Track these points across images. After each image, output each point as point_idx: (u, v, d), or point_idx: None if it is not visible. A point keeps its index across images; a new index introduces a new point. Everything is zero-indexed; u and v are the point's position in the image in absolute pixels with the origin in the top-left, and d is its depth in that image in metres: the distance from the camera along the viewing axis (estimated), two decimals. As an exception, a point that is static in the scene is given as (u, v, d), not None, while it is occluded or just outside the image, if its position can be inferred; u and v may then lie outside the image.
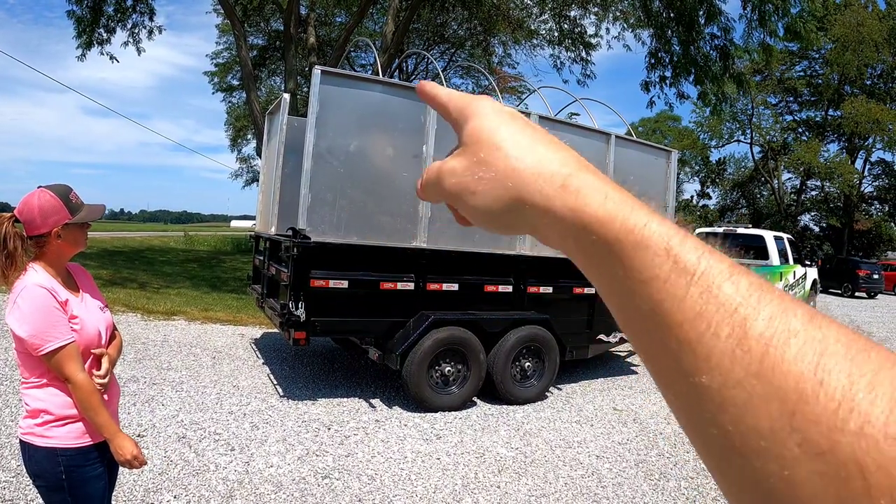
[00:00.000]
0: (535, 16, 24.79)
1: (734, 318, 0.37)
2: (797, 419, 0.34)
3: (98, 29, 19.18)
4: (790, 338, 0.36)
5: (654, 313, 0.41)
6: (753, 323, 0.37)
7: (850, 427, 0.32)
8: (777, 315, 0.37)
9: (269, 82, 36.29)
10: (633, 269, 0.42)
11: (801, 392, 0.34)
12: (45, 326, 2.53)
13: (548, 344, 8.08)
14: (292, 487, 5.06)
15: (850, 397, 0.33)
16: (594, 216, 0.44)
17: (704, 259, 0.41)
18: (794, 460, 0.33)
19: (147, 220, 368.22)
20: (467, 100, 0.55)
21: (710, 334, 0.38)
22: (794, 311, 0.38)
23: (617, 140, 9.03)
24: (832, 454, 0.32)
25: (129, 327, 10.54)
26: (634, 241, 0.42)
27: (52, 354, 2.53)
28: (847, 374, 0.34)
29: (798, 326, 0.36)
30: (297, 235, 6.73)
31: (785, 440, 0.34)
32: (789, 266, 15.59)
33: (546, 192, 0.47)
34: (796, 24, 15.30)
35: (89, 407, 2.58)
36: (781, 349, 0.36)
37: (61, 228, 2.68)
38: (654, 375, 0.43)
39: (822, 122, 48.05)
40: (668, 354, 0.40)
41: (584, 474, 5.84)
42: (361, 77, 7.86)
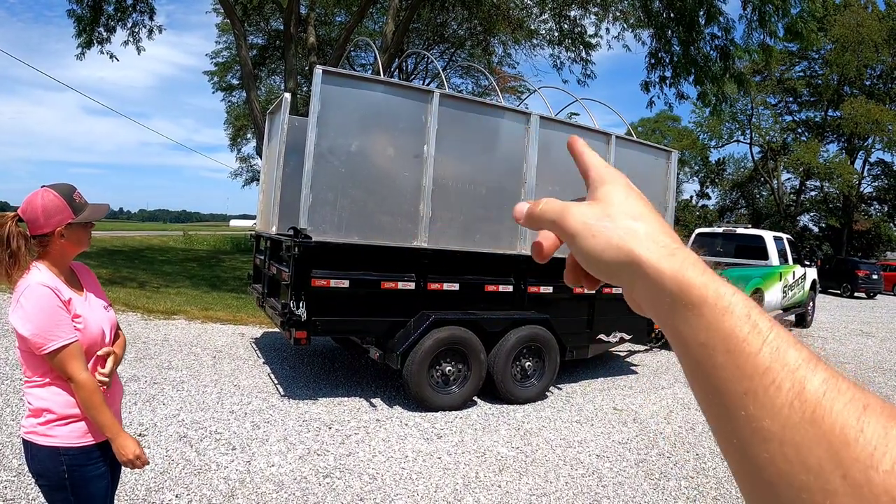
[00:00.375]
0: (535, 16, 24.76)
1: (795, 375, 0.46)
2: (841, 457, 0.42)
3: (98, 28, 19.15)
4: (839, 395, 0.44)
5: (729, 365, 0.49)
6: (810, 381, 0.45)
7: (883, 466, 0.40)
8: (829, 378, 0.46)
9: (268, 82, 36.28)
10: (718, 329, 0.50)
11: (845, 436, 0.42)
12: (48, 325, 2.53)
13: (548, 344, 8.09)
14: (294, 486, 5.07)
15: (884, 443, 0.41)
16: (693, 281, 0.53)
17: (775, 329, 0.49)
18: (836, 492, 0.41)
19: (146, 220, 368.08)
20: (609, 169, 0.67)
21: (774, 387, 0.46)
22: (842, 378, 0.46)
23: (617, 140, 9.04)
24: (868, 487, 0.40)
25: (130, 326, 10.54)
26: (723, 305, 0.51)
27: (55, 353, 2.53)
28: (883, 425, 0.42)
29: (845, 387, 0.45)
30: (299, 235, 6.74)
31: (829, 475, 0.42)
32: (789, 266, 15.58)
33: (656, 254, 0.56)
34: (796, 24, 15.30)
35: (91, 406, 2.58)
36: (832, 402, 0.44)
37: (65, 228, 2.67)
38: (717, 421, 0.51)
39: (822, 123, 48.09)
40: (736, 402, 0.48)
41: (585, 473, 5.85)
42: (363, 77, 7.87)
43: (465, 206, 7.67)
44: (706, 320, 0.51)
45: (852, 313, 23.47)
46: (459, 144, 7.62)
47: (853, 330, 18.25)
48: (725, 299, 0.51)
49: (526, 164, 8.04)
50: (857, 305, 27.32)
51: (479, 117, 7.90)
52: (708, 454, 6.59)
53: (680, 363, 0.55)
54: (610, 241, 0.58)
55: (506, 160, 8.03)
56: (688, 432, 7.31)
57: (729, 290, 0.52)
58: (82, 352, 2.62)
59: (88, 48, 19.09)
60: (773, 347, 0.48)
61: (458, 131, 7.59)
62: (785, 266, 15.35)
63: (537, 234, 0.69)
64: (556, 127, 8.52)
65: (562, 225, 0.63)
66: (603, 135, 9.01)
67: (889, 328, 19.27)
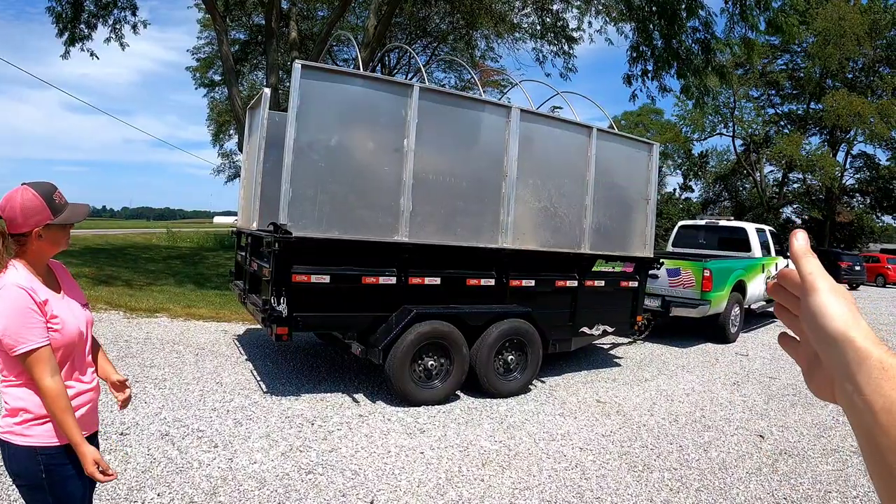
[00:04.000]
0: (518, 9, 24.80)
1: None
2: None
3: (79, 25, 19.00)
4: None
5: (890, 423, 0.61)
6: None
7: None
8: None
9: (250, 77, 36.09)
10: (879, 389, 0.64)
11: None
12: (19, 327, 2.51)
13: (530, 337, 8.10)
14: (276, 483, 5.06)
15: None
16: (876, 356, 0.66)
17: None
18: None
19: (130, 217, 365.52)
20: (824, 277, 0.78)
21: None
22: None
23: (599, 133, 9.05)
24: None
25: (112, 325, 10.49)
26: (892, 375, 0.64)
27: (25, 356, 2.52)
28: None
29: None
30: (279, 230, 6.71)
31: None
32: (771, 258, 15.65)
33: (869, 342, 0.68)
34: (778, 18, 15.39)
35: (56, 412, 2.55)
36: None
37: (43, 229, 2.65)
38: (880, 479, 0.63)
39: (804, 116, 48.30)
40: None
41: (568, 466, 5.85)
42: (343, 71, 7.83)
43: (445, 199, 7.66)
44: (874, 385, 0.64)
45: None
46: (440, 138, 7.60)
47: (836, 321, 18.32)
48: (892, 369, 0.64)
49: (507, 157, 8.03)
50: (840, 296, 27.46)
51: (460, 111, 7.88)
52: (691, 446, 6.62)
53: (852, 427, 0.68)
54: (836, 315, 0.72)
55: (486, 154, 8.02)
56: (671, 424, 7.33)
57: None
58: (52, 356, 2.59)
59: (72, 46, 18.94)
60: None
61: (438, 125, 7.58)
62: (768, 258, 15.42)
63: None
64: (537, 120, 8.51)
65: (812, 286, 0.77)
66: (584, 128, 9.01)
67: (872, 319, 19.38)
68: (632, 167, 9.74)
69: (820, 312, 0.73)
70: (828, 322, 0.71)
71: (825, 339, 0.72)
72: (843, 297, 0.75)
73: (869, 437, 0.63)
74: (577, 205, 8.82)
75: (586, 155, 8.88)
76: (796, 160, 43.47)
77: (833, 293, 0.75)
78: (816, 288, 0.76)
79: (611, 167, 9.24)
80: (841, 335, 0.70)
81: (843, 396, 0.69)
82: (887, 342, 5.25)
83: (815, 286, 0.76)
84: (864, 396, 0.64)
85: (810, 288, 0.76)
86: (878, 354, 0.66)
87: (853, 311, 0.73)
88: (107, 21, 19.65)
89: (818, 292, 0.75)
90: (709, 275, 12.19)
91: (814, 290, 0.76)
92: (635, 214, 9.86)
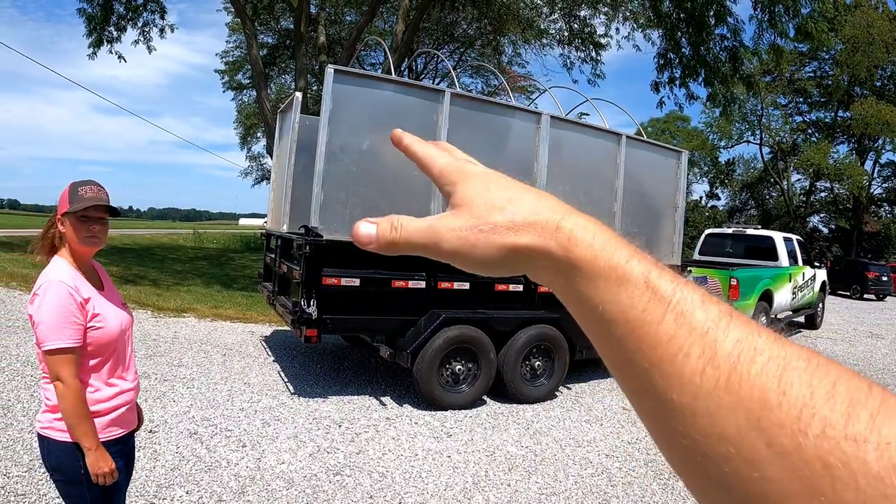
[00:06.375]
0: (545, 15, 24.78)
1: (705, 340, 0.43)
2: (763, 423, 0.38)
3: (109, 27, 19.22)
4: (756, 356, 0.41)
5: (630, 338, 0.46)
6: (722, 344, 0.42)
7: (812, 430, 0.37)
8: (744, 337, 0.42)
9: (279, 80, 36.36)
10: (615, 302, 0.47)
11: (766, 401, 0.39)
12: (55, 324, 2.57)
13: (558, 343, 8.09)
14: (304, 484, 5.09)
15: (811, 405, 0.38)
16: (583, 255, 0.49)
17: (679, 290, 0.46)
18: (762, 461, 0.38)
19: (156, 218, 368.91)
20: (452, 165, 0.60)
21: (682, 355, 0.43)
22: (759, 333, 0.43)
23: (628, 140, 9.03)
24: (798, 454, 0.37)
25: (140, 324, 10.59)
26: (617, 276, 0.48)
27: (53, 353, 2.56)
28: (808, 384, 0.39)
29: (763, 346, 0.42)
30: (310, 233, 6.75)
31: (753, 443, 0.38)
32: (798, 267, 15.53)
33: (543, 236, 0.51)
34: (807, 24, 15.29)
35: (73, 414, 2.58)
36: (748, 365, 0.40)
37: (62, 217, 2.75)
38: (630, 396, 0.48)
39: (832, 124, 47.89)
40: (644, 375, 0.45)
41: (594, 473, 5.85)
42: (374, 76, 7.88)
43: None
44: (601, 294, 0.48)
45: (862, 315, 23.37)
46: (470, 144, 7.60)
47: (863, 332, 18.16)
48: (619, 268, 0.48)
49: (537, 163, 8.03)
50: (867, 307, 27.19)
51: (490, 117, 7.90)
52: (718, 455, 6.58)
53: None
54: (491, 244, 0.53)
55: (516, 160, 8.02)
56: (697, 433, 7.29)
57: (623, 255, 0.49)
58: (78, 361, 2.64)
59: (99, 47, 19.15)
60: (678, 312, 0.44)
61: (469, 131, 7.60)
62: (795, 267, 15.29)
63: None
64: (567, 127, 8.51)
65: (437, 249, 0.56)
66: (613, 135, 9.00)
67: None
68: (660, 175, 9.71)
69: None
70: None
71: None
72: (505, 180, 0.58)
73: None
74: (605, 211, 8.79)
75: (615, 162, 8.86)
76: (824, 168, 43.16)
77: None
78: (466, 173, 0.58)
79: (639, 174, 9.21)
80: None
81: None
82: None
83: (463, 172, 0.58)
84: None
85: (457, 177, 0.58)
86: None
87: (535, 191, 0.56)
88: (136, 24, 19.86)
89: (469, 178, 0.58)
90: (736, 283, 12.11)
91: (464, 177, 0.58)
92: (663, 222, 9.82)
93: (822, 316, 18.02)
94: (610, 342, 0.48)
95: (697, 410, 0.41)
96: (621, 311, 0.46)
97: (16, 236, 26.75)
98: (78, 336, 2.62)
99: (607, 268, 0.48)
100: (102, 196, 2.77)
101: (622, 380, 0.48)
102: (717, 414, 0.40)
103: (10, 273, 14.32)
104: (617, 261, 0.48)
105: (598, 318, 0.48)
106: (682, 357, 0.42)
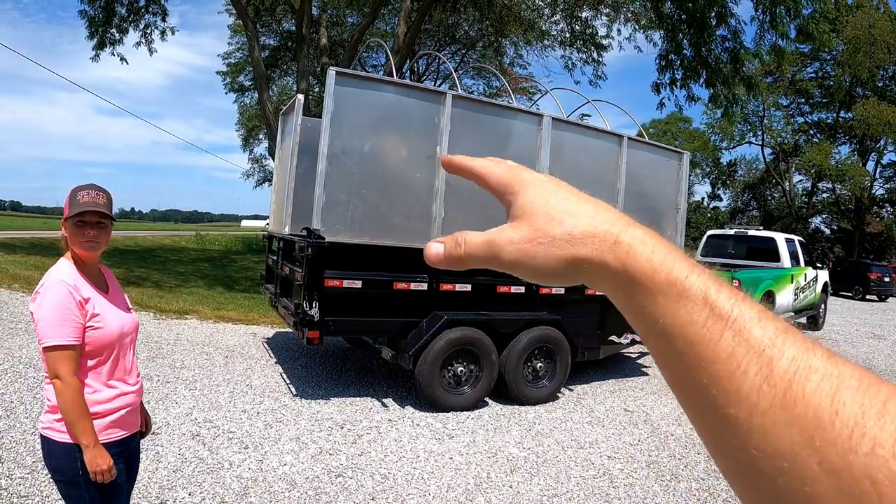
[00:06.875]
0: (547, 17, 24.79)
1: (762, 357, 0.44)
2: (816, 442, 0.40)
3: (110, 29, 19.22)
4: (810, 374, 0.42)
5: (690, 354, 0.47)
6: (778, 362, 0.43)
7: (862, 449, 0.38)
8: (799, 355, 0.43)
9: (280, 82, 36.40)
10: (674, 317, 0.48)
11: (819, 419, 0.40)
12: (55, 321, 2.60)
13: (559, 345, 8.10)
14: (306, 486, 5.10)
15: (861, 424, 0.39)
16: (642, 270, 0.50)
17: (737, 307, 0.47)
18: (813, 477, 0.39)
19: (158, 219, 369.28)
20: (509, 175, 0.62)
21: (740, 372, 0.44)
22: (814, 351, 0.44)
23: (629, 142, 9.03)
24: (847, 471, 0.38)
25: (142, 326, 10.59)
26: (676, 292, 0.48)
27: (51, 349, 2.59)
28: (860, 404, 0.40)
29: (818, 364, 0.42)
30: (312, 235, 6.76)
31: (805, 460, 0.40)
32: (800, 268, 15.52)
33: (601, 250, 0.52)
34: (808, 25, 15.28)
35: (70, 411, 2.60)
36: (802, 383, 0.42)
37: (64, 222, 2.79)
38: (687, 409, 0.49)
39: (834, 124, 47.91)
40: (702, 389, 0.46)
41: (596, 475, 5.85)
42: (376, 78, 7.88)
43: (477, 206, 7.66)
44: (661, 309, 0.49)
45: (864, 316, 23.35)
46: (472, 145, 7.61)
47: (865, 333, 18.15)
48: (679, 284, 0.48)
49: (538, 165, 8.03)
50: (869, 308, 27.18)
51: (492, 118, 7.91)
52: (719, 456, 6.58)
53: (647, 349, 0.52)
54: (550, 256, 0.54)
55: (518, 161, 7.57)
56: (699, 434, 7.29)
57: (682, 270, 0.49)
58: (77, 359, 2.66)
59: (101, 49, 19.17)
60: (736, 329, 0.45)
61: (470, 132, 7.60)
62: (797, 268, 15.29)
63: None
64: (569, 128, 8.51)
65: (498, 262, 0.58)
66: (615, 136, 9.00)
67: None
68: (662, 176, 9.71)
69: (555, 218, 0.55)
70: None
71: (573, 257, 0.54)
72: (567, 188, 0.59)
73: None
74: (607, 213, 8.77)
75: (617, 163, 8.87)
76: (826, 169, 43.16)
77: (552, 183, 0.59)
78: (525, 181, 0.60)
79: (641, 176, 9.21)
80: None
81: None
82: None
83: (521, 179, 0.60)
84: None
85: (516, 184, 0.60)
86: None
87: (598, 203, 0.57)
88: (138, 26, 19.87)
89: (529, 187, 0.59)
90: (737, 284, 12.02)
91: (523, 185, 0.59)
92: (665, 223, 9.82)
93: (824, 317, 18.01)
94: (669, 356, 0.49)
95: (753, 426, 0.42)
96: (681, 326, 0.47)
97: (18, 238, 26.80)
98: (77, 334, 2.65)
99: (667, 283, 0.49)
100: (99, 201, 2.78)
101: (680, 393, 0.49)
102: (773, 430, 0.41)
103: (13, 275, 14.35)
104: (676, 276, 0.49)
105: (657, 332, 0.49)
106: (739, 374, 0.44)
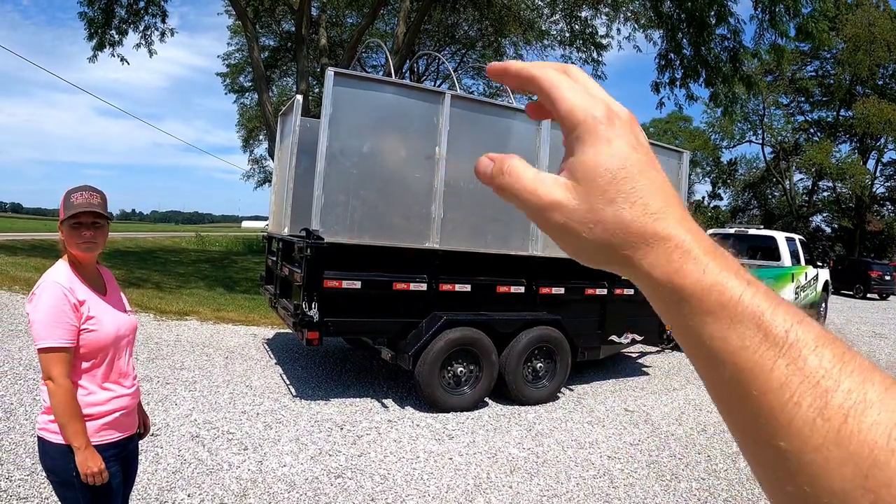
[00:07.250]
0: (546, 16, 24.78)
1: (816, 389, 0.41)
2: (870, 482, 0.38)
3: (110, 31, 19.21)
4: (866, 409, 0.39)
5: (740, 382, 0.43)
6: (834, 395, 0.40)
7: None
8: (855, 388, 0.40)
9: (280, 83, 36.36)
10: (724, 340, 0.44)
11: (875, 458, 0.38)
12: (48, 323, 2.60)
13: (560, 345, 8.09)
14: (305, 487, 5.09)
15: None
16: (691, 288, 0.46)
17: (793, 331, 0.43)
18: None
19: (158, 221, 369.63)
20: (591, 111, 0.50)
21: (793, 403, 0.41)
22: (871, 381, 0.41)
23: (628, 141, 9.00)
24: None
25: (143, 327, 10.59)
26: (728, 315, 0.44)
27: (44, 351, 2.60)
28: None
29: (874, 398, 0.40)
30: (311, 236, 6.75)
31: (857, 500, 0.38)
32: (801, 267, 15.52)
33: (649, 259, 0.48)
34: (808, 23, 15.27)
35: (62, 413, 2.60)
36: (858, 419, 0.39)
37: (60, 225, 2.79)
38: (734, 432, 0.46)
39: (834, 123, 47.87)
40: (751, 419, 0.43)
41: (596, 475, 5.84)
42: (374, 78, 7.89)
43: (476, 207, 7.67)
44: (710, 331, 0.45)
45: (865, 314, 23.35)
46: (471, 146, 7.60)
47: (866, 332, 18.14)
48: (731, 307, 0.44)
49: (538, 164, 7.99)
50: (870, 307, 27.18)
51: (491, 118, 7.90)
52: (719, 456, 6.58)
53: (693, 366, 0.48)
54: (597, 241, 0.48)
55: None
56: (699, 434, 7.29)
57: (736, 289, 0.45)
58: (70, 361, 2.67)
59: (100, 51, 19.15)
60: (791, 358, 0.42)
61: (469, 132, 7.59)
62: (797, 267, 15.29)
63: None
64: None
65: (534, 217, 0.51)
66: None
67: (903, 330, 19.15)
68: (661, 175, 9.68)
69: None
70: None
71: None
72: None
73: None
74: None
75: (616, 163, 8.84)
76: (826, 168, 43.13)
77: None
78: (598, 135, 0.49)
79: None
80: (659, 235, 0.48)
81: None
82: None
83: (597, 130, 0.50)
84: None
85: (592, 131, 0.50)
86: None
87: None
88: (137, 27, 19.85)
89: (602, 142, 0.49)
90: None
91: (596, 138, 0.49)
92: (665, 223, 9.79)
93: (825, 316, 18.01)
94: (717, 380, 0.46)
95: (804, 461, 0.40)
96: (730, 351, 0.44)
97: (18, 240, 26.80)
98: (70, 336, 2.65)
99: (717, 305, 0.45)
100: (93, 201, 2.77)
101: (728, 417, 0.46)
102: (825, 466, 0.39)
103: (13, 277, 14.35)
104: (729, 297, 0.45)
105: (704, 353, 0.46)
106: (792, 405, 0.41)
